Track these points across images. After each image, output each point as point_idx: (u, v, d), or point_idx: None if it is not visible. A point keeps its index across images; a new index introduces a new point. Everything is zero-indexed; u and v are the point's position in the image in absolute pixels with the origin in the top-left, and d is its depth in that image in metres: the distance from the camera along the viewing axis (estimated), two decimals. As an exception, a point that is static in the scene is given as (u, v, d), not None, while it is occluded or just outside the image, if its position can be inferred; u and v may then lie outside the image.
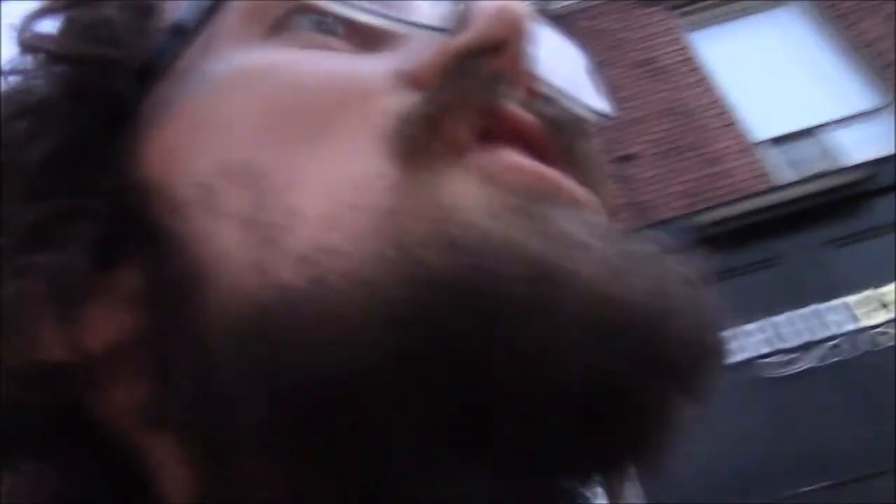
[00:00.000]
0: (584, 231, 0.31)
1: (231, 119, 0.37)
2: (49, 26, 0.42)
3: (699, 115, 6.18)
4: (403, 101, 0.35)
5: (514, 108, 0.35)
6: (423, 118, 0.34)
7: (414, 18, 0.38)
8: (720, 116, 6.18)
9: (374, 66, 0.37)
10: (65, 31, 0.42)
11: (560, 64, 0.45)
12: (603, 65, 6.31)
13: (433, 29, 0.37)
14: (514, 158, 0.34)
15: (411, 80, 0.36)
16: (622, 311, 0.30)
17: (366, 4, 0.38)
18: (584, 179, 0.37)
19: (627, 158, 5.89)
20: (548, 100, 0.40)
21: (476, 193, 0.32)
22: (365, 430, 0.30)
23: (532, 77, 0.38)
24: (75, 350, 0.35)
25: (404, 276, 0.30)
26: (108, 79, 0.40)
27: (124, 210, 0.36)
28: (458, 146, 0.34)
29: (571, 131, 0.38)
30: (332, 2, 0.38)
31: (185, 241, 0.34)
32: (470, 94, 0.35)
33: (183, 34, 0.41)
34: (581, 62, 0.47)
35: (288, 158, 0.34)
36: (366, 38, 0.40)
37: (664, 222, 5.53)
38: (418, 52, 0.37)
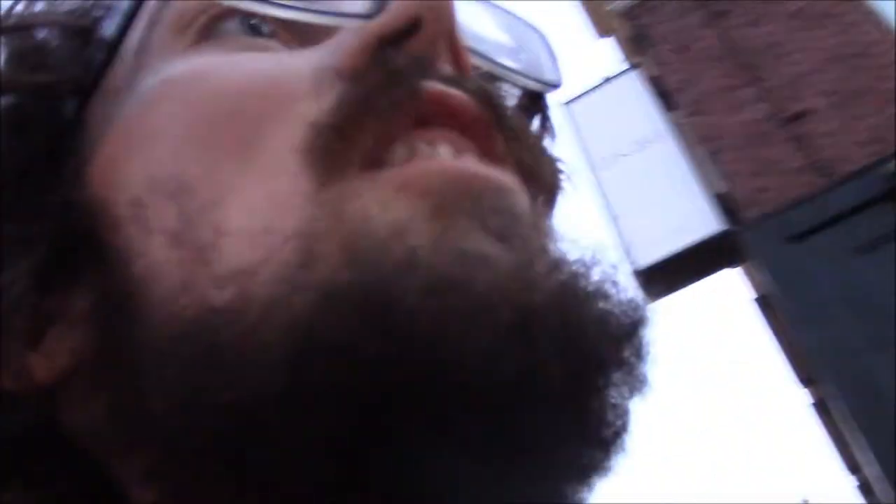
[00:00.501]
0: (488, 240, 0.31)
1: (157, 131, 0.37)
2: None
3: (870, 53, 5.72)
4: (320, 105, 0.35)
5: (440, 88, 0.35)
6: (336, 124, 0.34)
7: (335, 9, 0.38)
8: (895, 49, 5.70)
9: (298, 64, 0.37)
10: None
11: (502, 39, 0.46)
12: (757, 23, 5.99)
13: (354, 16, 0.38)
14: (426, 164, 0.34)
15: (335, 72, 0.36)
16: (519, 315, 0.30)
17: (284, 0, 0.38)
18: (517, 153, 0.37)
19: (800, 116, 5.54)
20: (481, 75, 0.40)
21: (382, 207, 0.32)
22: (280, 448, 0.30)
23: (460, 53, 0.38)
24: (35, 376, 0.36)
25: (309, 295, 0.30)
26: (46, 103, 0.41)
27: (72, 229, 0.37)
28: (372, 153, 0.34)
29: (502, 105, 0.38)
30: (244, 1, 0.38)
31: (121, 259, 0.35)
32: (391, 79, 0.35)
33: (108, 49, 0.42)
34: (531, 36, 0.48)
35: (212, 171, 0.34)
36: (299, 34, 0.41)
37: (852, 176, 5.15)
38: (341, 41, 0.37)
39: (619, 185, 5.94)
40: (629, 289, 0.35)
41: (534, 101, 0.49)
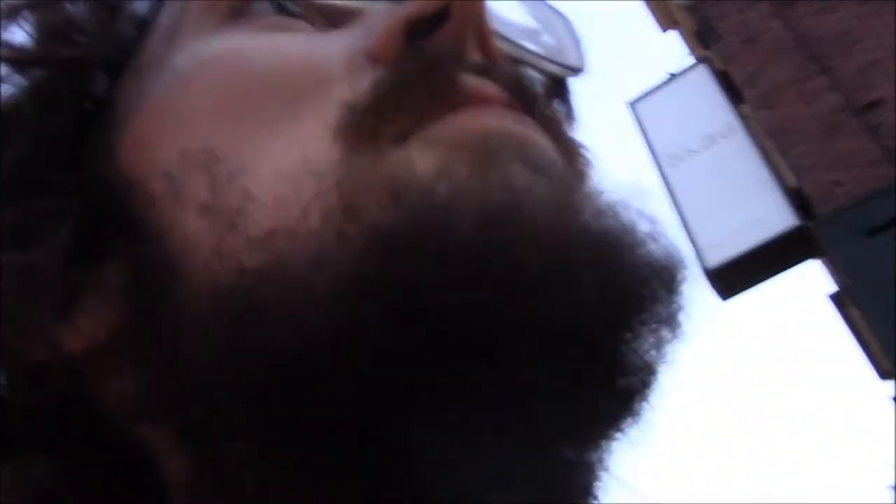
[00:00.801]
0: (530, 173, 0.32)
1: (190, 107, 0.37)
2: (9, 31, 0.43)
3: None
4: (354, 87, 0.35)
5: (469, 79, 0.35)
6: (372, 107, 0.34)
7: None
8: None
9: (330, 46, 0.38)
10: (27, 36, 0.43)
11: (525, 22, 0.46)
12: (826, 11, 5.85)
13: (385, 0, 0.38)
14: (459, 122, 0.33)
15: (367, 56, 0.36)
16: (570, 246, 0.30)
17: None
18: (550, 134, 0.36)
19: (873, 105, 5.40)
20: (511, 61, 0.40)
21: (419, 157, 0.32)
22: (337, 402, 0.30)
23: (488, 39, 0.37)
24: (65, 347, 0.36)
25: (353, 242, 0.30)
26: (75, 78, 0.41)
27: (103, 206, 0.37)
28: (405, 129, 0.33)
29: (533, 93, 0.38)
30: None
31: (156, 232, 0.35)
32: (429, 68, 0.35)
33: (141, 26, 0.42)
34: (556, 21, 0.48)
35: (242, 142, 0.35)
36: (327, 16, 0.41)
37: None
38: (373, 25, 0.37)
39: (688, 183, 5.86)
40: (668, 238, 0.35)
41: (557, 86, 0.49)
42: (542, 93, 0.44)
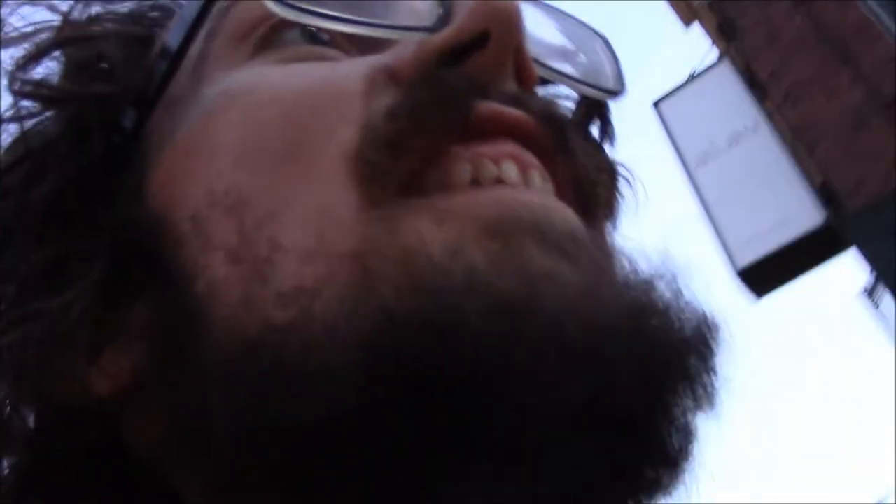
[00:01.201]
0: (551, 258, 0.31)
1: (217, 144, 0.37)
2: (41, 68, 0.43)
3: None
4: (371, 106, 0.34)
5: (498, 108, 0.34)
6: (386, 133, 0.33)
7: (396, 21, 0.38)
8: None
9: (353, 68, 0.37)
10: (58, 73, 0.43)
11: (563, 44, 0.44)
12: (846, 4, 5.81)
13: (417, 30, 0.37)
14: (475, 196, 0.33)
15: (389, 75, 0.36)
16: (590, 332, 0.29)
17: (341, 13, 0.37)
18: (577, 173, 0.36)
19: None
20: (546, 88, 0.40)
21: (434, 230, 0.31)
22: (345, 467, 0.30)
23: (526, 67, 0.37)
24: (95, 390, 0.36)
25: (373, 316, 0.30)
26: (105, 114, 0.41)
27: (133, 244, 0.37)
28: (420, 168, 0.33)
29: (565, 124, 0.37)
30: (306, 15, 0.36)
31: (182, 275, 0.34)
32: (445, 97, 0.34)
33: (170, 58, 0.41)
34: (593, 41, 0.46)
35: (267, 181, 0.34)
36: (360, 43, 0.40)
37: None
38: (401, 49, 0.37)
39: (715, 182, 5.86)
40: (698, 301, 0.34)
41: (595, 108, 0.48)
42: (573, 121, 0.43)
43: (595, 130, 0.48)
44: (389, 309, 0.30)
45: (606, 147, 0.48)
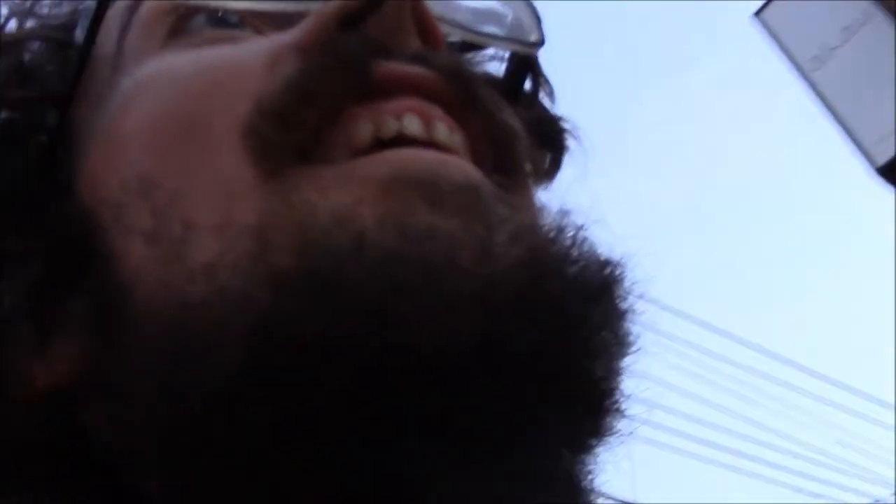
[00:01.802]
0: (437, 213, 0.31)
1: (127, 132, 0.38)
2: None
3: None
4: (267, 83, 0.35)
5: (399, 67, 0.35)
6: (276, 106, 0.34)
7: None
8: None
9: (258, 46, 0.38)
10: None
11: (482, 5, 0.44)
12: None
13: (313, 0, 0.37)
14: (374, 156, 0.34)
15: (291, 50, 0.36)
16: (477, 285, 0.30)
17: None
18: (490, 126, 0.37)
19: None
20: (452, 45, 0.40)
21: (327, 194, 0.32)
22: (255, 436, 0.31)
23: (427, 25, 0.37)
24: (39, 383, 0.37)
25: (262, 286, 0.31)
26: (30, 117, 0.43)
27: (67, 239, 0.38)
28: (319, 134, 0.34)
29: (471, 79, 0.37)
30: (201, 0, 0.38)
31: (109, 263, 0.36)
32: (340, 61, 0.35)
33: (78, 57, 0.42)
34: None
35: (172, 164, 0.35)
36: (274, 21, 0.41)
37: None
38: (303, 23, 0.37)
39: (836, 83, 5.64)
40: (603, 249, 0.35)
41: (524, 64, 0.48)
42: (487, 77, 0.45)
43: (530, 86, 0.49)
44: (276, 277, 0.31)
45: (545, 102, 0.49)
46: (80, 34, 0.43)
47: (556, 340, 0.31)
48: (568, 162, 0.49)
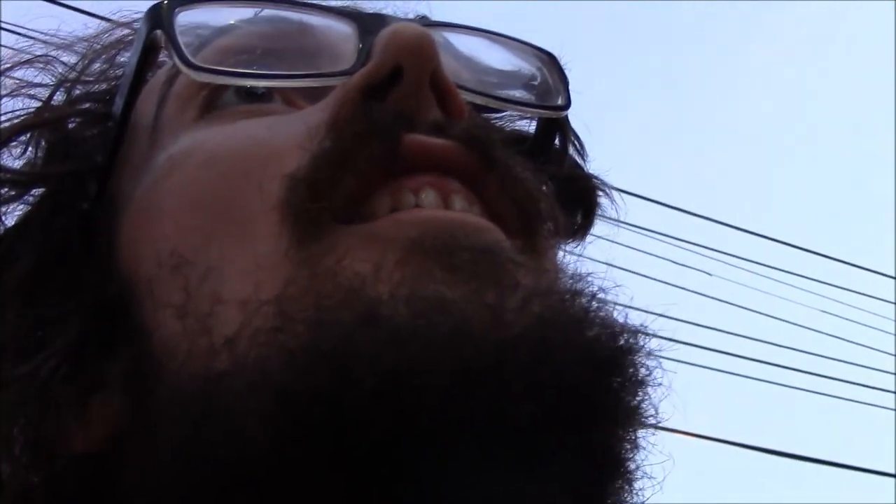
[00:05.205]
0: (448, 282, 0.32)
1: (162, 207, 0.39)
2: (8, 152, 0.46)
3: None
4: (299, 160, 0.36)
5: (421, 139, 0.36)
6: (308, 179, 0.35)
7: (318, 69, 0.40)
8: None
9: (291, 124, 0.39)
10: (27, 157, 0.46)
11: (509, 69, 0.45)
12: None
13: (337, 74, 0.39)
14: (399, 215, 0.35)
15: (327, 127, 0.37)
16: (487, 355, 0.31)
17: (250, 69, 0.40)
18: (510, 187, 0.37)
19: None
20: (472, 113, 0.40)
21: (350, 260, 0.33)
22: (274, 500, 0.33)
23: (448, 93, 0.38)
24: (76, 447, 0.39)
25: (277, 358, 0.32)
26: (72, 188, 0.44)
27: (107, 303, 0.40)
28: (351, 206, 0.35)
29: (492, 145, 0.38)
30: (223, 76, 0.40)
31: (142, 332, 0.38)
32: (371, 133, 0.36)
33: (115, 130, 0.44)
34: (538, 60, 0.46)
35: (207, 241, 0.36)
36: (303, 92, 0.42)
37: None
38: (332, 96, 0.38)
39: None
40: (620, 314, 0.35)
41: (552, 125, 0.48)
42: (507, 137, 0.45)
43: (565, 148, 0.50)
44: (290, 350, 0.32)
45: (577, 161, 0.50)
46: (118, 104, 0.44)
47: (560, 411, 0.32)
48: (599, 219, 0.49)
